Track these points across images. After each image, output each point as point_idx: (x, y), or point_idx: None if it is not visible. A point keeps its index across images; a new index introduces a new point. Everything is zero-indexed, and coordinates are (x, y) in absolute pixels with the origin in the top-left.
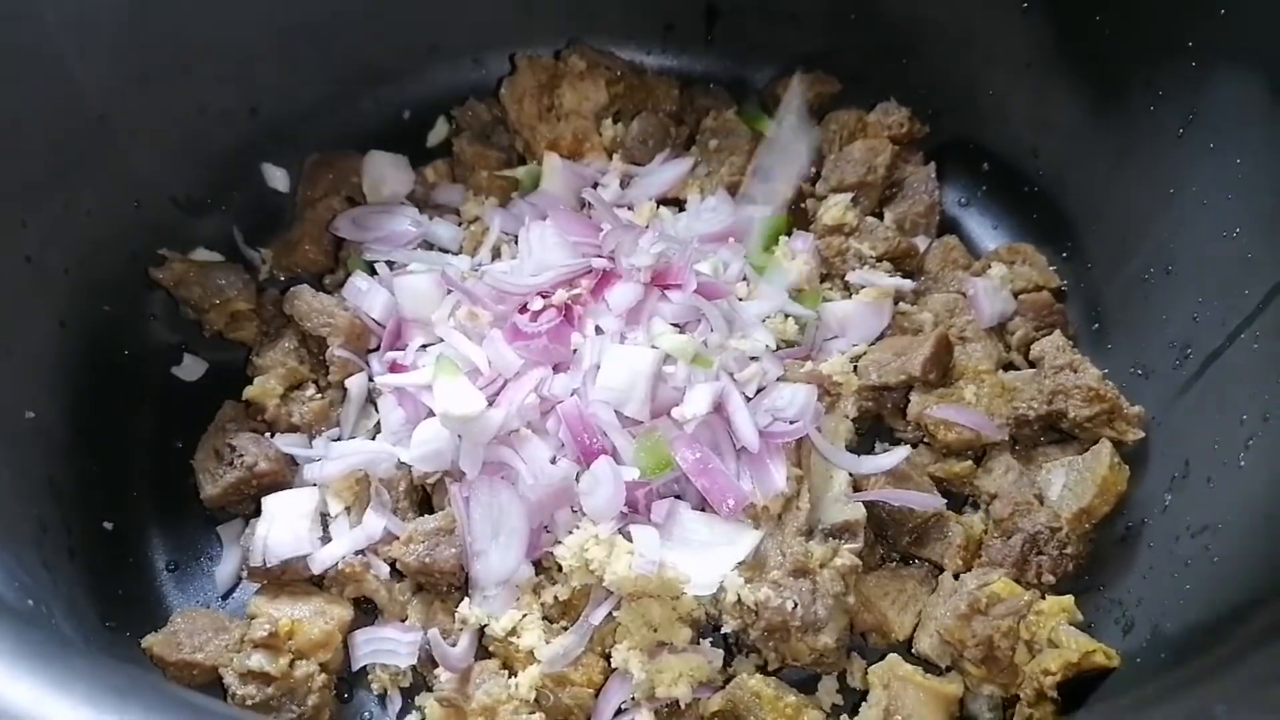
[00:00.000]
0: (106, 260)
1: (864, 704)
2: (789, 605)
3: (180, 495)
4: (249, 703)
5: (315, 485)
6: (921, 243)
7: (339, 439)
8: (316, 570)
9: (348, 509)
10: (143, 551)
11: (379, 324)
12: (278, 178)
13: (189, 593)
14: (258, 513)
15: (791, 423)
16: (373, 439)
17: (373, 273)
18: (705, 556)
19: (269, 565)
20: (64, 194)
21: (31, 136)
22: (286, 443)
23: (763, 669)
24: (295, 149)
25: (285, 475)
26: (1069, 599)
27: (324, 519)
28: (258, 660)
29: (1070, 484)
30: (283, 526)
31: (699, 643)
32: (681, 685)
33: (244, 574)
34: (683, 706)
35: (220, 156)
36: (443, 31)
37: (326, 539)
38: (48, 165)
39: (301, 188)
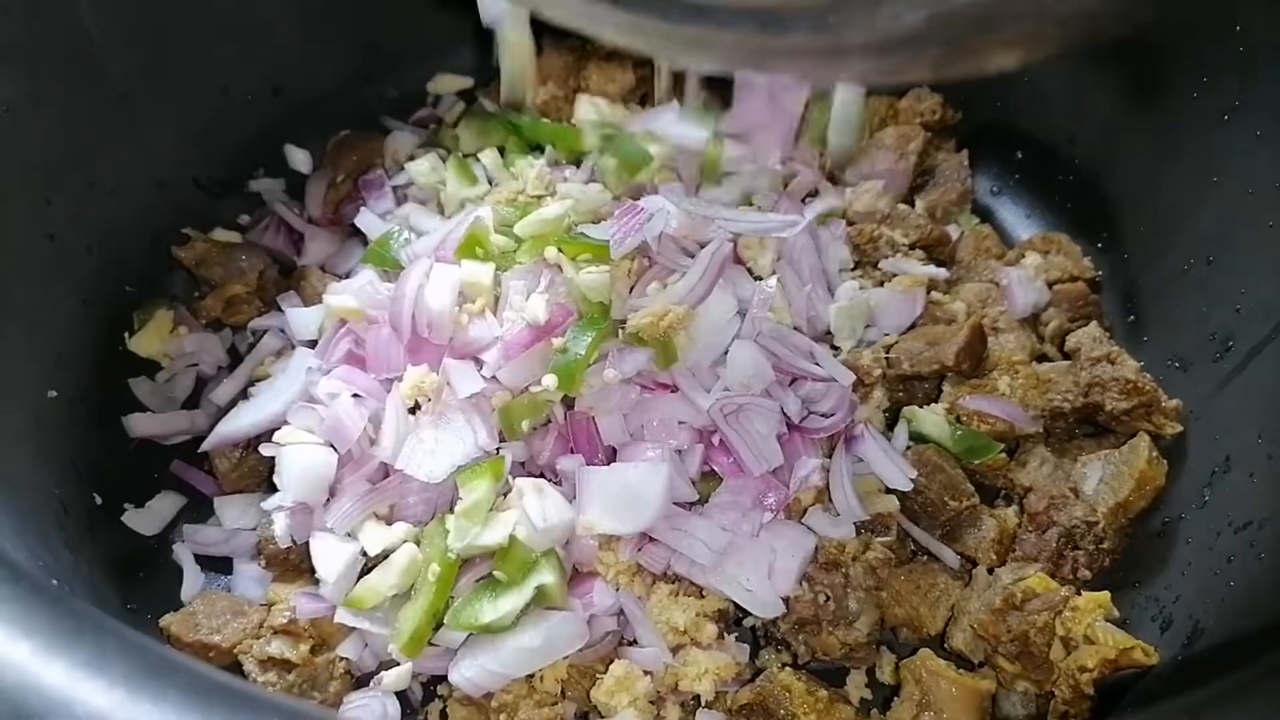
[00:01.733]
0: (129, 240)
1: (896, 699)
2: (821, 598)
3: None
4: (270, 689)
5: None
6: (954, 231)
7: None
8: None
9: None
10: (163, 533)
11: None
12: (300, 159)
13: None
14: (273, 490)
15: (827, 416)
16: None
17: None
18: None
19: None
20: (86, 172)
21: (53, 112)
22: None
23: (791, 662)
24: (318, 130)
25: None
26: (1105, 595)
27: None
28: (278, 647)
29: (1106, 478)
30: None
31: (724, 638)
32: (705, 681)
33: (261, 562)
34: (704, 701)
35: (243, 137)
36: (467, 13)
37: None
38: (69, 142)
39: (324, 168)
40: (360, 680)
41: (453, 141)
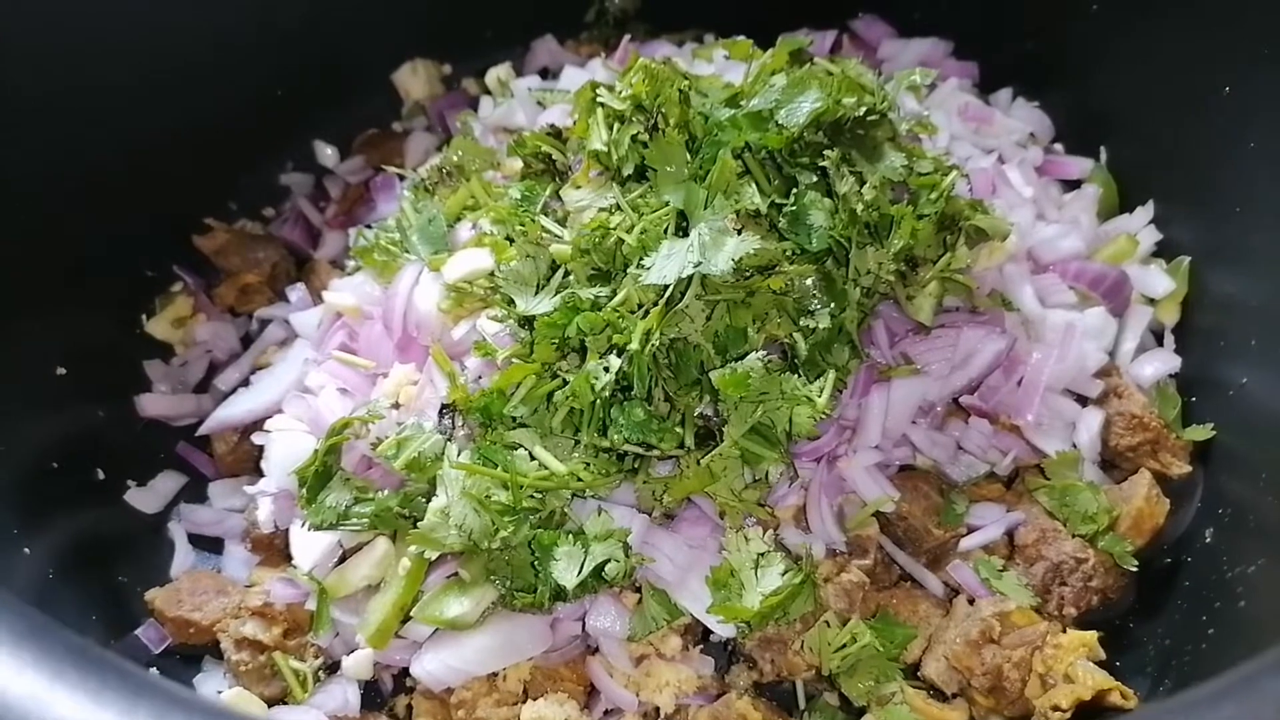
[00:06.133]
0: (152, 225)
1: None
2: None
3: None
4: (243, 669)
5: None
6: None
7: None
8: None
9: None
10: (164, 512)
11: None
12: (328, 155)
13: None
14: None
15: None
16: None
17: None
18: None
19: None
20: (114, 154)
21: (86, 93)
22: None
23: (759, 681)
24: (346, 126)
25: None
26: (1091, 634)
27: None
28: (251, 628)
29: None
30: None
31: (689, 650)
32: (666, 694)
33: (247, 545)
34: (663, 714)
35: (273, 130)
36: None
37: None
38: (101, 122)
39: (349, 164)
40: (332, 667)
41: None
